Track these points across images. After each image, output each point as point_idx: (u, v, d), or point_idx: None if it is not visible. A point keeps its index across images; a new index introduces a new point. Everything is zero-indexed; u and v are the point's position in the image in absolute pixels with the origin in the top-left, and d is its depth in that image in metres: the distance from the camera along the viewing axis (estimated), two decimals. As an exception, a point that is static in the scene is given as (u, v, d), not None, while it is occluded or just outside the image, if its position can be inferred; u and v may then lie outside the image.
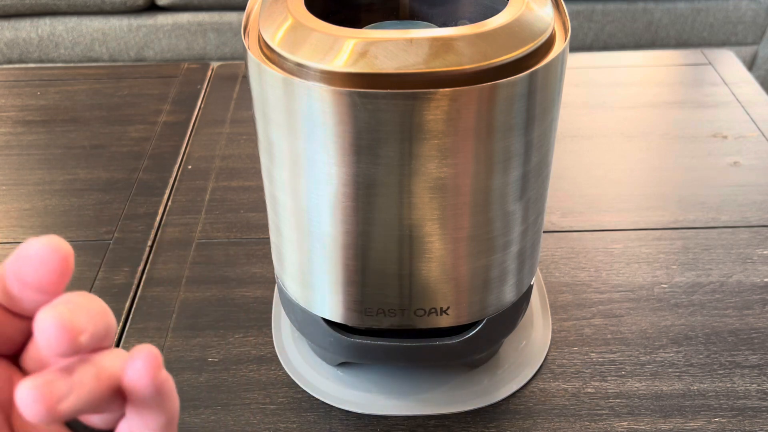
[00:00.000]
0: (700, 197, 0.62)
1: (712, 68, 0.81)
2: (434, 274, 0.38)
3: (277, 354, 0.49)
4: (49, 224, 0.61)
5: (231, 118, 0.74)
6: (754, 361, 0.47)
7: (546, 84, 0.33)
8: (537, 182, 0.37)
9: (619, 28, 1.81)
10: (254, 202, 0.63)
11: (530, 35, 0.33)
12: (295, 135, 0.34)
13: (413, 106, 0.31)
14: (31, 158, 0.69)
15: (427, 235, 0.36)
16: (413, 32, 0.32)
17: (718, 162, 0.66)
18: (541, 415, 0.44)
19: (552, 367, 0.48)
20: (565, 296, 0.53)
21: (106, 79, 0.82)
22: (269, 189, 0.39)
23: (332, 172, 0.34)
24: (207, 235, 0.59)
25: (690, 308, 0.51)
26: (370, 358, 0.44)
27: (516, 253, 0.39)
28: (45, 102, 0.78)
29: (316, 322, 0.42)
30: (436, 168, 0.33)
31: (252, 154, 0.69)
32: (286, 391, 0.46)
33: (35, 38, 1.84)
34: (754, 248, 0.56)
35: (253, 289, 0.54)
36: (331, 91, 0.31)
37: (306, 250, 0.39)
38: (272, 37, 0.33)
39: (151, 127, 0.74)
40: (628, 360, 0.48)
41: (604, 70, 0.82)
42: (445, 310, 0.39)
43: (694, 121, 0.72)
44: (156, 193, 0.64)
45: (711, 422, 0.44)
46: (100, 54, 1.86)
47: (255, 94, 0.35)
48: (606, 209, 0.61)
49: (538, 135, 0.35)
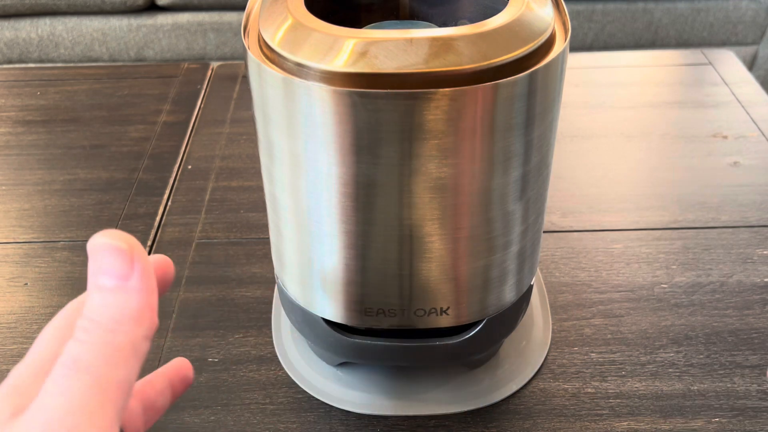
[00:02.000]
0: (700, 197, 0.62)
1: (712, 68, 0.81)
2: (434, 274, 0.38)
3: (277, 354, 0.49)
4: (49, 224, 0.61)
5: (231, 118, 0.74)
6: (754, 361, 0.47)
7: (546, 84, 0.33)
8: (537, 182, 0.37)
9: (619, 28, 1.81)
10: (254, 202, 0.63)
11: (530, 35, 0.33)
12: (295, 135, 0.34)
13: (413, 106, 0.31)
14: (31, 158, 0.69)
15: (427, 235, 0.36)
16: (413, 32, 0.32)
17: (718, 162, 0.66)
18: (541, 415, 0.44)
19: (552, 367, 0.48)
20: (565, 296, 0.53)
21: (106, 79, 0.82)
22: (269, 189, 0.39)
23: (332, 172, 0.34)
24: (207, 235, 0.59)
25: (690, 308, 0.51)
26: (370, 358, 0.44)
27: (516, 253, 0.39)
28: (45, 102, 0.78)
29: (316, 322, 0.42)
30: (436, 168, 0.33)
31: (252, 154, 0.69)
32: (286, 391, 0.46)
33: (35, 38, 1.84)
34: (754, 248, 0.56)
35: (253, 289, 0.54)
36: (331, 91, 0.31)
37: (306, 250, 0.39)
38: (272, 37, 0.33)
39: (151, 127, 0.74)
40: (628, 360, 0.48)
41: (604, 70, 0.82)
42: (445, 310, 0.39)
43: (694, 121, 0.72)
44: (156, 193, 0.64)
45: (711, 422, 0.44)
46: (100, 54, 1.86)
47: (255, 94, 0.35)
48: (606, 209, 0.61)
49: (538, 135, 0.35)
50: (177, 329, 0.51)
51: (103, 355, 0.22)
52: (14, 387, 0.23)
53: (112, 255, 0.23)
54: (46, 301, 0.53)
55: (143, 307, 0.23)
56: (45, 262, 0.57)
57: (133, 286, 0.23)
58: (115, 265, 0.23)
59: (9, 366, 0.48)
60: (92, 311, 0.23)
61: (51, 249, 0.58)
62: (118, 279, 0.23)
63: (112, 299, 0.23)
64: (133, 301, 0.23)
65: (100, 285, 0.23)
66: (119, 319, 0.23)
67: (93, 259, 0.24)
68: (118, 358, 0.23)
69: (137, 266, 0.23)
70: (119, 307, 0.23)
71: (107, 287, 0.23)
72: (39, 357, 0.25)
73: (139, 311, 0.23)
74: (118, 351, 0.23)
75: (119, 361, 0.23)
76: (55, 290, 0.54)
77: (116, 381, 0.22)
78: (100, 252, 0.23)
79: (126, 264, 0.23)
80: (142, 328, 0.23)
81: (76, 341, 0.23)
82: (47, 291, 0.54)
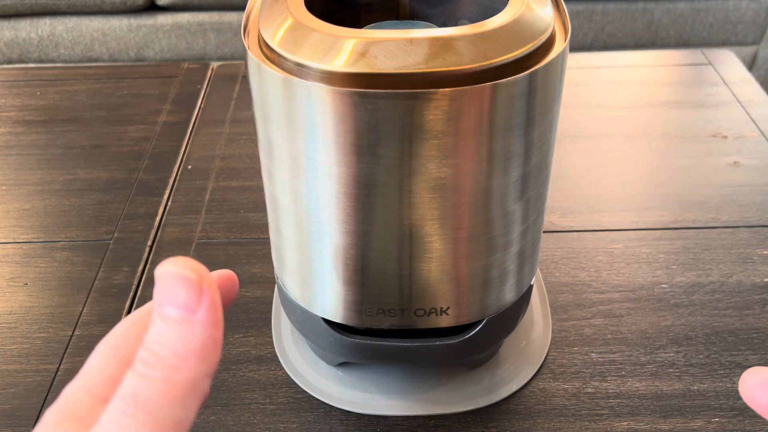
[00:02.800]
0: (700, 197, 0.62)
1: (712, 68, 0.81)
2: (434, 274, 0.38)
3: (277, 354, 0.49)
4: (49, 224, 0.61)
5: (231, 118, 0.74)
6: (754, 361, 0.47)
7: (546, 84, 0.33)
8: (537, 182, 0.37)
9: (619, 28, 1.81)
10: (254, 202, 0.63)
11: (530, 35, 0.33)
12: (295, 135, 0.34)
13: (413, 106, 0.31)
14: (31, 158, 0.69)
15: (427, 235, 0.36)
16: (413, 32, 0.32)
17: (718, 162, 0.66)
18: (541, 415, 0.44)
19: (552, 367, 0.48)
20: (565, 296, 0.53)
21: (106, 79, 0.82)
22: (269, 189, 0.39)
23: (332, 172, 0.34)
24: (207, 235, 0.59)
25: (690, 308, 0.51)
26: (370, 358, 0.44)
27: (516, 253, 0.39)
28: (45, 102, 0.78)
29: (316, 322, 0.42)
30: (436, 168, 0.33)
31: (252, 154, 0.69)
32: (286, 391, 0.46)
33: (35, 38, 1.84)
34: (754, 248, 0.56)
35: (253, 289, 0.54)
36: (331, 91, 0.31)
37: (306, 250, 0.39)
38: (272, 37, 0.33)
39: (151, 127, 0.74)
40: (628, 360, 0.48)
41: (604, 70, 0.82)
42: (445, 310, 0.39)
43: (694, 121, 0.72)
44: (156, 193, 0.64)
45: (711, 422, 0.44)
46: (100, 54, 1.86)
47: (255, 94, 0.35)
48: (606, 209, 0.61)
49: (538, 135, 0.35)
50: (177, 329, 0.51)
51: (163, 393, 0.21)
52: (70, 411, 0.22)
53: (179, 285, 0.22)
54: (46, 301, 0.53)
55: (208, 343, 0.22)
56: (45, 262, 0.57)
57: (199, 320, 0.22)
58: (183, 295, 0.22)
59: (9, 366, 0.48)
60: (155, 343, 0.22)
61: (51, 249, 0.58)
62: (185, 311, 0.22)
63: (176, 332, 0.22)
64: (198, 335, 0.22)
65: (165, 315, 0.22)
66: (183, 355, 0.22)
67: (160, 286, 0.23)
68: (178, 396, 0.22)
69: (205, 299, 0.22)
70: (184, 342, 0.22)
71: (173, 318, 0.22)
72: (95, 378, 0.24)
73: (203, 346, 0.22)
74: (179, 389, 0.22)
75: (179, 399, 0.22)
76: (55, 290, 0.54)
77: (175, 421, 0.22)
78: (168, 280, 0.22)
79: (194, 296, 0.22)
80: (205, 365, 0.22)
81: (136, 374, 0.22)
82: (47, 291, 0.54)
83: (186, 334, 0.22)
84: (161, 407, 0.21)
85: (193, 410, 0.22)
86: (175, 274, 0.22)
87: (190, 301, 0.22)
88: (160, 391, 0.21)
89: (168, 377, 0.22)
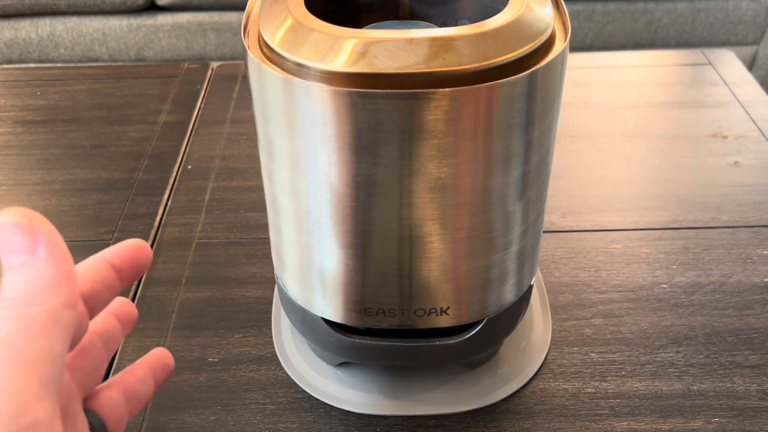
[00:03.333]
0: (700, 197, 0.62)
1: (712, 68, 0.81)
2: (434, 274, 0.38)
3: (277, 354, 0.49)
4: (49, 224, 0.61)
5: (231, 118, 0.74)
6: (754, 361, 0.47)
7: (546, 84, 0.33)
8: (537, 182, 0.37)
9: (619, 28, 1.81)
10: (254, 202, 0.63)
11: (530, 35, 0.33)
12: (295, 135, 0.34)
13: (413, 106, 0.31)
14: (31, 158, 0.69)
15: (427, 235, 0.36)
16: (413, 32, 0.32)
17: (718, 162, 0.66)
18: (541, 415, 0.44)
19: (552, 367, 0.48)
20: (565, 296, 0.53)
21: (106, 79, 0.82)
22: (269, 189, 0.39)
23: (332, 172, 0.34)
24: (207, 235, 0.59)
25: (690, 308, 0.51)
26: (370, 358, 0.44)
27: (516, 253, 0.39)
28: (45, 102, 0.78)
29: (316, 322, 0.42)
30: (436, 168, 0.33)
31: (252, 154, 0.69)
32: (286, 391, 0.46)
33: (35, 38, 1.84)
34: (754, 248, 0.56)
35: (253, 289, 0.54)
36: (331, 91, 0.31)
37: (306, 250, 0.39)
38: (272, 37, 0.33)
39: (151, 127, 0.74)
40: (628, 360, 0.48)
41: (604, 70, 0.82)
42: (445, 310, 0.39)
43: (694, 121, 0.72)
44: (156, 193, 0.64)
45: (711, 422, 0.44)
46: (100, 54, 1.86)
47: (255, 94, 0.35)
48: (606, 209, 0.61)
49: (538, 135, 0.35)
50: (177, 329, 0.51)
51: (21, 329, 0.22)
52: None
53: (14, 233, 0.23)
54: (46, 301, 0.53)
55: (57, 276, 0.23)
56: (45, 262, 0.57)
57: (41, 258, 0.23)
58: (20, 240, 0.23)
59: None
60: (6, 290, 0.23)
61: (51, 249, 0.58)
62: (25, 254, 0.23)
63: (23, 275, 0.23)
64: (45, 271, 0.23)
65: (10, 264, 0.23)
66: (33, 292, 0.23)
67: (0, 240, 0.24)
68: (38, 330, 0.23)
69: (41, 238, 0.23)
70: (31, 281, 0.23)
71: (17, 265, 0.23)
72: None
73: (52, 281, 0.23)
74: (36, 322, 0.23)
75: (38, 332, 0.23)
76: (55, 290, 0.54)
77: (38, 352, 0.22)
78: (3, 232, 0.23)
79: (29, 238, 0.23)
80: (61, 297, 0.23)
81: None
82: (47, 291, 0.54)
83: (32, 273, 0.23)
84: (23, 342, 0.22)
85: (59, 342, 0.23)
86: (6, 224, 0.23)
87: (27, 243, 0.23)
88: (17, 328, 0.22)
89: (23, 314, 0.23)
